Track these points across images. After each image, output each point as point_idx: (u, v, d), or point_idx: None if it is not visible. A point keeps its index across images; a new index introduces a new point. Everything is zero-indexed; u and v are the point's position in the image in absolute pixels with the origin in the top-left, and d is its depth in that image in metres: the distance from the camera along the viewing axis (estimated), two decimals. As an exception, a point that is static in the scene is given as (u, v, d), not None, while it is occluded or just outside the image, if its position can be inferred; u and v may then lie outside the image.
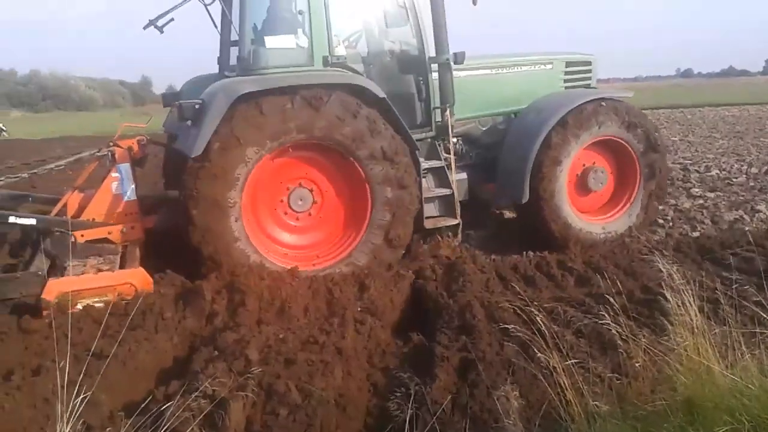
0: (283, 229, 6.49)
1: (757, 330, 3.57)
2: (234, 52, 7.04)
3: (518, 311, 4.39)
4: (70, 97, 75.17)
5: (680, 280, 3.43)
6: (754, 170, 12.48)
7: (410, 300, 5.72)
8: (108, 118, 37.97)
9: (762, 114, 28.54)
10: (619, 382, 3.47)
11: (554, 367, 3.32)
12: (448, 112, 6.98)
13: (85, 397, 2.86)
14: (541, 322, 3.78)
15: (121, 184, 6.48)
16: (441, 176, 7.06)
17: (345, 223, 6.56)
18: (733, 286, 3.74)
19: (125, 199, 6.47)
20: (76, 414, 2.78)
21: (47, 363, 3.97)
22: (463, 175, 7.36)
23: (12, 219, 5.95)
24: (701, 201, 9.88)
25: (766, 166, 12.93)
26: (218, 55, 7.86)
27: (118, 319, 4.67)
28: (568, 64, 8.32)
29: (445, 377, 3.98)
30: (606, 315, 3.68)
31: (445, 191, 7.01)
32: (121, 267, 5.80)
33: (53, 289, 5.18)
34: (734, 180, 11.59)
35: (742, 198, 10.01)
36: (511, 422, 3.17)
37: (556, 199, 7.25)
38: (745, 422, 2.76)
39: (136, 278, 5.48)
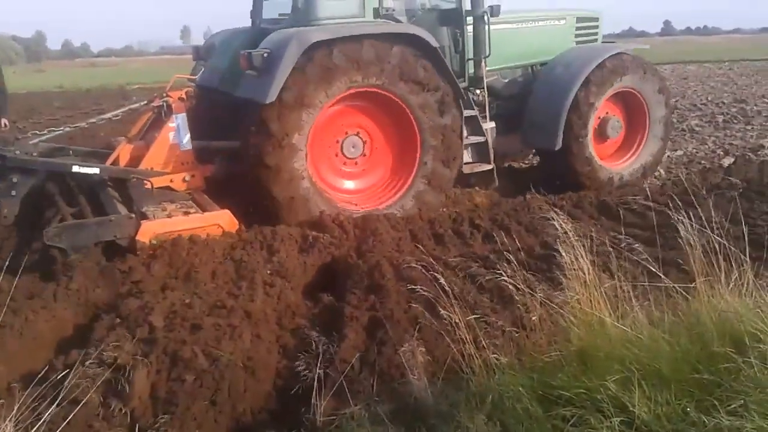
0: (337, 174, 7.03)
1: (646, 283, 3.80)
2: (268, 6, 7.83)
3: (426, 270, 4.48)
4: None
5: (574, 236, 3.58)
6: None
7: (322, 261, 5.73)
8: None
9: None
10: (517, 334, 3.63)
11: (457, 323, 3.42)
12: (483, 63, 7.47)
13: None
14: (446, 280, 3.89)
15: (177, 134, 6.65)
16: (474, 125, 7.46)
17: (394, 168, 7.08)
18: (623, 243, 3.94)
19: (182, 148, 6.67)
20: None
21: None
22: (492, 124, 7.77)
23: (76, 168, 6.15)
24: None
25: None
26: (251, 8, 8.15)
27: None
28: (579, 20, 8.91)
29: (354, 336, 4.04)
30: (507, 270, 3.81)
31: (479, 138, 7.47)
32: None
33: (148, 231, 5.47)
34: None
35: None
36: (415, 377, 3.27)
37: (584, 145, 7.97)
38: (634, 370, 2.93)
39: (224, 219, 5.88)
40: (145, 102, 7.82)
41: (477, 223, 6.56)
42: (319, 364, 3.43)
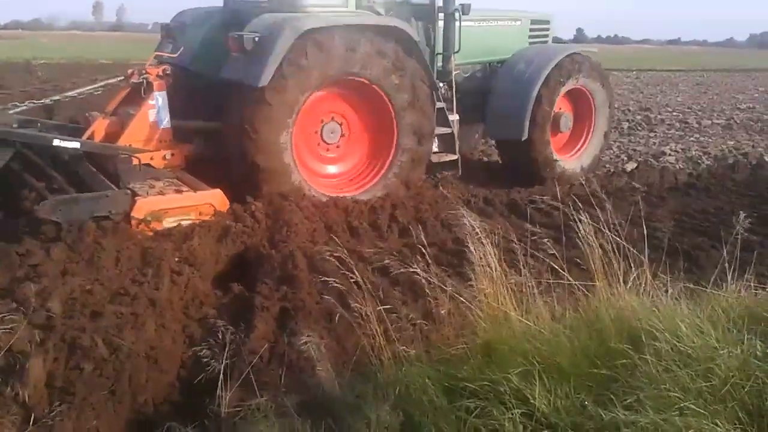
0: (317, 159, 7.30)
1: (551, 280, 3.93)
2: None
3: (340, 261, 4.47)
4: None
5: (483, 234, 3.66)
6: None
7: (234, 251, 5.61)
8: None
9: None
10: (427, 327, 3.68)
11: (368, 315, 3.43)
12: (452, 58, 7.97)
13: None
14: (359, 272, 3.89)
15: (157, 112, 6.68)
16: (442, 116, 7.81)
17: (372, 151, 7.44)
18: (529, 241, 4.06)
19: (161, 126, 6.70)
20: None
21: None
22: (457, 116, 8.16)
23: (56, 142, 6.05)
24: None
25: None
26: None
27: None
28: (533, 21, 9.46)
29: (264, 327, 3.99)
30: (420, 264, 3.85)
31: (446, 130, 7.88)
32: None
33: (143, 208, 5.52)
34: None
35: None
36: (324, 369, 3.26)
37: (545, 138, 8.61)
38: (536, 363, 3.03)
39: (216, 199, 5.99)
40: (122, 77, 7.74)
41: (395, 216, 6.59)
42: (225, 355, 3.35)
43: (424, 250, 4.14)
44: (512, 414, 2.74)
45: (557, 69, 8.54)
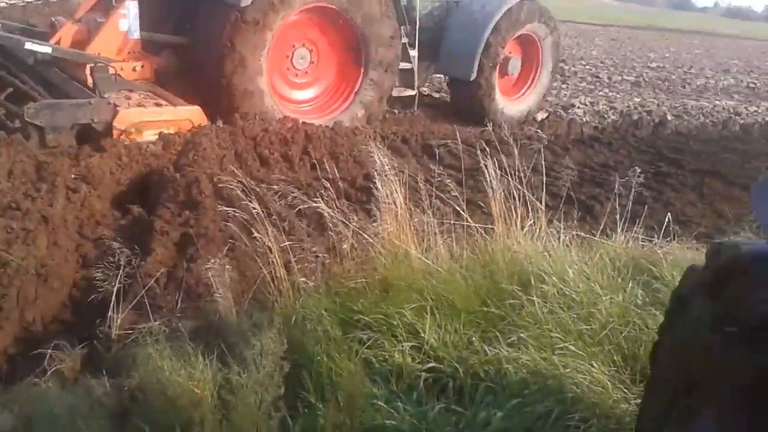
0: (287, 84, 7.53)
1: (452, 221, 4.03)
2: None
3: (247, 190, 4.40)
4: None
5: (392, 171, 3.68)
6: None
7: (137, 172, 5.42)
8: None
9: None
10: (329, 261, 3.71)
11: (270, 246, 3.41)
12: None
13: None
14: (265, 203, 3.85)
15: (128, 22, 6.58)
16: (404, 51, 8.15)
17: (339, 81, 7.72)
18: (436, 182, 4.12)
19: (131, 37, 6.66)
20: None
21: None
22: (415, 53, 8.52)
23: (28, 45, 6.08)
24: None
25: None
26: None
27: None
28: None
29: (162, 251, 3.92)
30: (326, 199, 3.85)
31: (407, 65, 8.28)
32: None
33: (125, 119, 5.57)
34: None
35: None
36: (221, 296, 3.24)
37: (492, 79, 9.02)
38: (430, 300, 3.13)
39: (194, 115, 6.09)
40: None
41: (307, 149, 6.51)
42: (120, 277, 3.27)
43: (331, 186, 4.13)
44: (402, 347, 2.84)
45: (508, 14, 8.87)
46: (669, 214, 4.43)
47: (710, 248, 1.63)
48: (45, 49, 6.18)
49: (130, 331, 2.97)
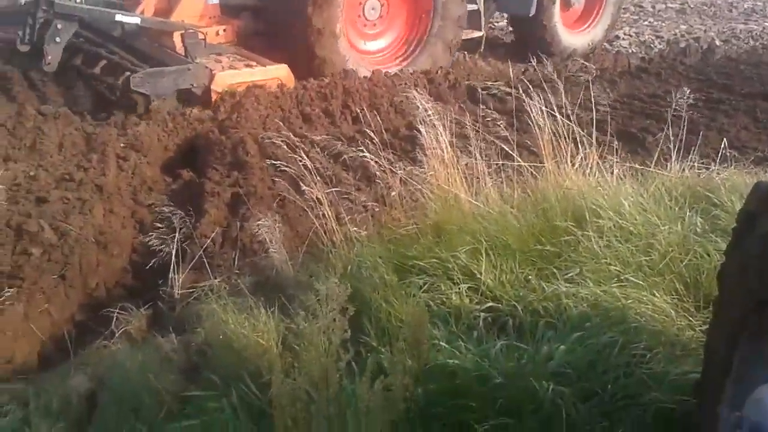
0: (359, 35, 7.59)
1: (500, 162, 3.97)
2: None
3: (292, 147, 4.41)
4: None
5: (436, 117, 3.63)
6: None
7: (184, 137, 5.47)
8: None
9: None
10: (378, 210, 3.72)
11: (319, 199, 3.43)
12: None
13: None
14: (311, 158, 3.86)
15: None
16: None
17: (409, 30, 7.78)
18: (478, 123, 4.05)
19: (210, 2, 6.87)
20: None
21: None
22: None
23: (119, 17, 6.18)
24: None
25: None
26: None
27: None
28: None
29: (215, 212, 3.98)
30: (371, 149, 3.83)
31: (473, 6, 8.15)
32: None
33: (221, 81, 5.82)
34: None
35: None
36: (276, 251, 3.29)
37: (553, 13, 8.84)
38: (483, 242, 3.10)
39: (283, 73, 6.33)
40: None
41: (348, 103, 6.46)
42: (177, 240, 3.35)
43: (375, 136, 4.10)
44: (459, 288, 2.83)
45: None
46: (724, 140, 4.27)
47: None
48: (134, 19, 6.30)
49: (192, 290, 3.05)
